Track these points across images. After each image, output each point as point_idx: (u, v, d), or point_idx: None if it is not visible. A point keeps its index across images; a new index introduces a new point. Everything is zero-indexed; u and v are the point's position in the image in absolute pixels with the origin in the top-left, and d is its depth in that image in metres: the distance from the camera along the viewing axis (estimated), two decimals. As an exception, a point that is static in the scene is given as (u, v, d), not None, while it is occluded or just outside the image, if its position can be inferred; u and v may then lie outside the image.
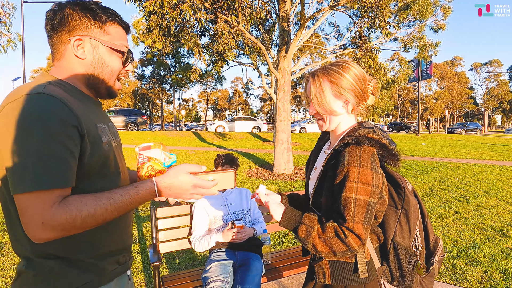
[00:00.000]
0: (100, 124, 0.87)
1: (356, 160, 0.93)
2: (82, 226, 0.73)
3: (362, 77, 1.04)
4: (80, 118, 0.76)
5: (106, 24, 0.87)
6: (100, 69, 0.88)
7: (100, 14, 0.85)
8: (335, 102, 1.04)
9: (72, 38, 0.83)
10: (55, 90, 0.76)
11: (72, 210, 0.71)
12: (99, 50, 0.87)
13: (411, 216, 1.05)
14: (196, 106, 64.90)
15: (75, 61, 0.85)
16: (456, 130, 28.26)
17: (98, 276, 0.83)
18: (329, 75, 1.03)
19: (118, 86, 0.95)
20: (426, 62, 19.61)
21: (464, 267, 2.91)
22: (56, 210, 0.69)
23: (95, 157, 0.80)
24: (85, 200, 0.74)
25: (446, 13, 13.38)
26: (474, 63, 53.36)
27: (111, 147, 0.88)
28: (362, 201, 0.91)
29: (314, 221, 0.95)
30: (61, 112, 0.72)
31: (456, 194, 5.50)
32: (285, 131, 7.61)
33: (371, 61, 6.58)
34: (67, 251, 0.78)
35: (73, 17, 0.83)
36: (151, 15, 5.66)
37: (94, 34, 0.85)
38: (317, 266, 1.06)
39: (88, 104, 0.87)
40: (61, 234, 0.71)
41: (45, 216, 0.68)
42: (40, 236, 0.69)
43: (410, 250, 1.04)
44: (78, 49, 0.84)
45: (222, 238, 2.00)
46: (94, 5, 0.85)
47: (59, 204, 0.70)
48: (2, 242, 3.51)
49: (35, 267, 0.77)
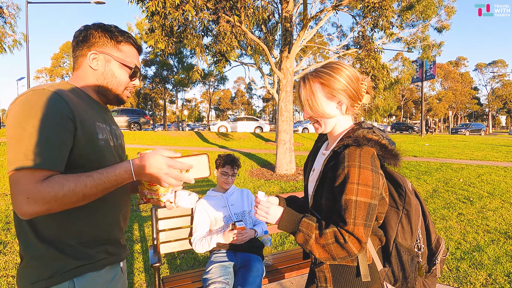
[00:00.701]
0: (100, 123, 0.96)
1: (356, 162, 0.92)
2: (64, 200, 0.79)
3: (354, 77, 1.03)
4: (75, 113, 0.86)
5: (120, 44, 1.02)
6: (108, 79, 1.01)
7: (117, 35, 1.01)
8: (328, 104, 1.03)
9: (90, 52, 0.98)
10: (60, 90, 0.87)
11: (55, 185, 0.78)
12: (111, 64, 1.01)
13: (412, 217, 1.03)
14: (199, 106, 65.04)
15: (89, 71, 1.00)
16: (460, 131, 28.07)
17: (87, 262, 0.90)
18: (320, 77, 1.02)
19: (127, 94, 1.07)
20: (430, 62, 19.49)
21: (468, 270, 2.87)
22: (40, 186, 0.77)
23: (88, 151, 0.88)
24: (67, 177, 0.81)
25: (450, 13, 13.28)
26: (478, 63, 53.00)
27: (107, 145, 0.96)
28: (363, 203, 0.90)
29: (311, 228, 0.93)
30: (58, 104, 0.83)
31: (460, 195, 5.45)
32: (287, 131, 7.58)
33: (374, 62, 6.54)
34: (58, 236, 0.87)
35: (94, 35, 0.98)
36: (154, 16, 5.67)
37: (108, 50, 1.00)
38: (318, 270, 1.04)
39: (92, 106, 0.98)
40: (45, 208, 0.77)
41: (30, 191, 0.76)
42: (25, 210, 0.76)
43: (412, 251, 1.03)
44: (93, 61, 0.99)
45: (223, 239, 1.99)
46: (114, 28, 1.02)
47: (43, 181, 0.78)
48: (5, 241, 3.53)
49: (32, 250, 0.86)
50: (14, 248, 3.34)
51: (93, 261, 0.92)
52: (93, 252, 0.92)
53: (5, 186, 6.15)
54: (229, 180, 2.19)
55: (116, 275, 1.01)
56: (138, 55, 1.08)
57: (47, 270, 0.85)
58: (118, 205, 1.01)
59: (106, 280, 0.96)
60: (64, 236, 0.87)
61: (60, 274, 0.85)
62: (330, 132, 1.10)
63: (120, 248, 1.03)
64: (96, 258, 0.93)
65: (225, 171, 2.18)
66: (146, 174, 0.89)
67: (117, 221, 1.02)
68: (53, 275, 0.85)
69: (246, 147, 12.60)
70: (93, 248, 0.92)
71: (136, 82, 1.07)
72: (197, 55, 6.82)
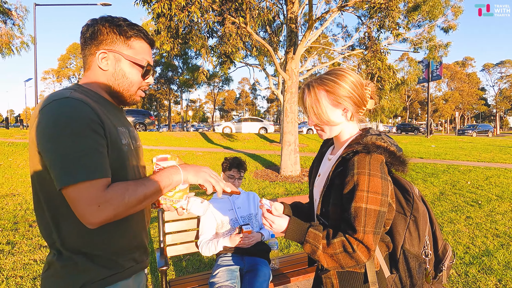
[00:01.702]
0: (121, 127, 0.94)
1: (366, 169, 0.91)
2: (129, 204, 0.81)
3: (358, 83, 1.03)
4: (102, 119, 0.84)
5: (130, 39, 0.94)
6: (119, 80, 0.95)
7: (126, 30, 0.93)
8: (333, 111, 1.03)
9: (98, 51, 0.92)
10: (79, 95, 0.84)
11: (119, 190, 0.80)
12: (121, 63, 0.94)
13: (420, 223, 1.03)
14: (203, 106, 65.28)
15: (99, 72, 0.94)
16: (466, 132, 27.71)
17: (116, 271, 0.90)
18: (325, 84, 1.02)
19: (140, 94, 1.02)
20: (436, 63, 19.30)
21: (477, 275, 2.83)
22: (108, 193, 0.78)
23: (115, 156, 0.86)
24: (126, 183, 0.83)
25: (457, 13, 13.14)
26: (485, 64, 52.36)
27: (130, 149, 0.95)
28: (372, 211, 0.89)
29: (318, 238, 0.93)
30: (86, 111, 0.80)
31: (468, 198, 5.38)
32: (292, 132, 7.56)
33: (380, 63, 6.49)
34: (88, 247, 0.85)
35: (101, 32, 0.91)
36: (160, 17, 5.70)
37: (118, 48, 0.93)
38: (325, 277, 1.03)
39: (109, 109, 0.94)
40: (114, 213, 0.78)
41: (99, 198, 0.76)
42: (97, 218, 0.76)
43: (420, 258, 1.02)
44: (102, 61, 0.93)
45: (229, 243, 1.98)
46: (122, 22, 0.93)
47: (107, 187, 0.79)
48: (13, 241, 3.57)
49: (63, 259, 0.85)
50: (22, 249, 3.38)
51: (121, 270, 0.91)
52: (122, 261, 0.91)
53: (13, 186, 6.23)
54: (235, 183, 2.18)
55: (141, 283, 1.02)
56: (150, 50, 1.01)
57: (77, 280, 0.84)
58: (143, 211, 1.01)
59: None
60: (93, 247, 0.86)
61: (91, 284, 0.84)
62: (336, 137, 1.09)
63: (145, 254, 1.03)
64: (125, 266, 0.92)
65: (232, 174, 2.18)
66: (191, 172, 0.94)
67: (144, 227, 1.02)
68: (84, 285, 0.84)
69: (251, 148, 12.60)
70: (123, 257, 0.92)
71: (149, 80, 1.01)
72: (202, 56, 6.84)
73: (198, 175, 0.94)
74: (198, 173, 0.95)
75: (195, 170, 0.95)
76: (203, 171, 0.96)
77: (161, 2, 5.23)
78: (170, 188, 0.91)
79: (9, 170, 7.38)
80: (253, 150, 11.90)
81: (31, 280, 2.76)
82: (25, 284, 2.69)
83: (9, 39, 12.00)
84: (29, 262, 3.10)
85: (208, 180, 0.94)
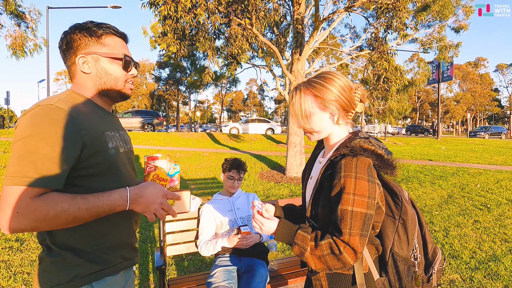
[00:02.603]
0: (109, 132, 0.97)
1: (352, 172, 0.92)
2: (54, 221, 0.79)
3: (347, 86, 1.03)
4: (84, 126, 0.86)
5: (102, 37, 0.97)
6: (104, 79, 0.98)
7: (95, 30, 0.96)
8: (320, 114, 1.03)
9: (77, 57, 0.95)
10: (66, 103, 0.87)
11: (48, 204, 0.78)
12: (100, 62, 0.97)
13: (409, 226, 1.03)
14: (211, 107, 65.62)
15: (84, 76, 0.97)
16: (478, 134, 27.08)
17: (104, 267, 0.93)
18: (313, 88, 1.02)
19: (129, 87, 1.04)
20: (447, 63, 18.95)
21: (482, 280, 2.77)
22: (33, 202, 0.77)
23: (99, 160, 0.89)
24: (62, 196, 0.81)
25: (468, 13, 12.85)
26: (499, 64, 51.05)
27: (118, 152, 0.97)
28: (359, 214, 0.90)
29: (306, 241, 0.94)
30: (63, 120, 0.82)
31: (477, 201, 5.26)
32: (298, 133, 7.54)
33: (387, 64, 6.41)
34: (76, 243, 0.89)
35: (74, 39, 0.94)
36: (166, 19, 5.77)
37: (93, 49, 0.96)
38: (314, 279, 1.05)
39: (99, 114, 0.97)
40: (32, 226, 0.77)
41: (21, 206, 0.75)
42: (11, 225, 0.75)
43: (409, 261, 1.03)
44: (83, 65, 0.96)
45: (228, 244, 1.99)
46: (90, 24, 0.96)
47: (36, 197, 0.78)
48: (22, 238, 3.67)
49: (53, 255, 0.88)
50: (30, 246, 3.47)
51: (110, 266, 0.94)
52: (110, 257, 0.95)
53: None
54: (235, 184, 2.20)
55: (129, 279, 1.05)
56: (125, 43, 1.03)
57: (67, 274, 0.87)
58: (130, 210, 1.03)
59: (121, 285, 0.99)
60: (81, 243, 0.89)
61: (80, 279, 0.88)
62: (326, 140, 1.10)
63: (133, 252, 1.06)
64: (113, 262, 0.95)
65: (231, 175, 2.19)
66: (141, 203, 0.90)
67: (130, 226, 1.04)
68: (73, 279, 0.87)
69: (257, 149, 12.61)
70: (110, 254, 0.95)
71: (133, 71, 1.03)
72: (208, 57, 6.89)
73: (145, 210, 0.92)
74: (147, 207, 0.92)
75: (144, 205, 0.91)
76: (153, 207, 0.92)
77: (167, 4, 5.30)
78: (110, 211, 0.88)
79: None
80: (259, 151, 11.90)
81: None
82: (32, 280, 2.77)
83: (22, 41, 12.33)
84: (36, 259, 3.18)
85: (153, 214, 0.93)
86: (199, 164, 9.14)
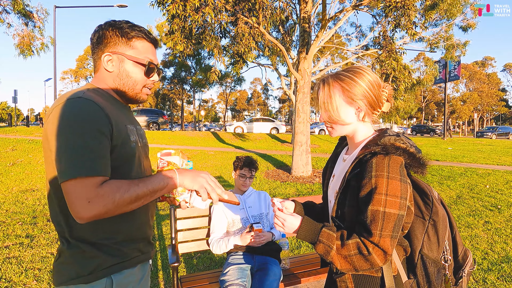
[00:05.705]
0: (129, 125, 0.99)
1: (384, 172, 0.88)
2: (121, 202, 0.83)
3: (376, 83, 0.99)
4: (111, 118, 0.88)
5: (132, 40, 0.99)
6: (124, 80, 1.00)
7: (128, 31, 0.98)
8: (346, 109, 1.00)
9: (104, 54, 0.98)
10: (92, 95, 0.90)
11: (112, 188, 0.83)
12: (124, 64, 0.99)
13: (439, 227, 0.99)
14: (216, 106, 65.71)
15: (106, 73, 1.00)
16: (486, 134, 26.72)
17: (122, 260, 0.94)
18: (341, 80, 0.99)
19: (146, 92, 1.05)
20: (454, 63, 18.73)
21: (496, 282, 2.73)
22: (100, 189, 0.81)
23: (123, 152, 0.91)
24: (120, 181, 0.86)
25: (476, 11, 12.70)
26: (507, 64, 50.40)
27: (137, 146, 1.00)
28: (391, 215, 0.87)
29: (332, 239, 0.91)
30: (96, 112, 0.86)
31: (487, 202, 5.19)
32: (304, 133, 7.51)
33: (395, 63, 6.35)
34: (94, 236, 0.90)
35: (106, 36, 0.97)
36: (174, 18, 5.78)
37: (120, 50, 0.98)
38: (339, 280, 1.00)
39: (119, 108, 1.00)
40: (104, 211, 0.81)
41: (90, 194, 0.79)
42: (85, 214, 0.79)
43: (439, 263, 0.99)
44: (108, 63, 0.98)
45: (240, 241, 1.98)
46: (124, 24, 0.99)
47: (100, 185, 0.82)
48: (32, 234, 3.70)
49: (72, 247, 0.90)
50: (40, 242, 3.50)
51: (127, 259, 0.96)
52: (127, 250, 0.96)
53: (33, 182, 6.46)
54: (246, 182, 2.19)
55: (146, 273, 1.06)
56: (153, 49, 1.04)
57: (86, 267, 0.89)
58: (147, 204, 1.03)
59: (138, 278, 1.00)
60: (98, 237, 0.91)
61: (99, 271, 0.90)
62: (351, 138, 1.06)
63: (149, 246, 1.07)
64: (131, 255, 0.97)
65: (243, 173, 2.18)
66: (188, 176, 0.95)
67: (147, 220, 1.05)
68: (92, 272, 0.89)
69: (262, 148, 12.59)
70: (127, 247, 0.96)
71: (154, 78, 1.04)
72: (214, 56, 6.89)
73: (194, 181, 0.95)
74: (195, 178, 0.95)
75: (192, 176, 0.95)
76: (201, 176, 0.96)
77: (175, 3, 5.31)
78: (165, 192, 0.93)
79: (29, 166, 7.66)
80: (264, 150, 11.89)
81: (48, 272, 2.85)
82: (43, 276, 2.79)
83: (30, 40, 12.45)
84: (47, 255, 3.20)
85: (204, 187, 0.95)
86: (205, 162, 9.16)
